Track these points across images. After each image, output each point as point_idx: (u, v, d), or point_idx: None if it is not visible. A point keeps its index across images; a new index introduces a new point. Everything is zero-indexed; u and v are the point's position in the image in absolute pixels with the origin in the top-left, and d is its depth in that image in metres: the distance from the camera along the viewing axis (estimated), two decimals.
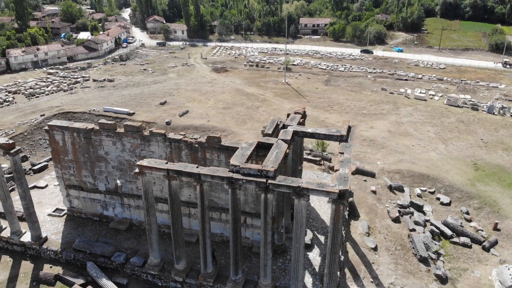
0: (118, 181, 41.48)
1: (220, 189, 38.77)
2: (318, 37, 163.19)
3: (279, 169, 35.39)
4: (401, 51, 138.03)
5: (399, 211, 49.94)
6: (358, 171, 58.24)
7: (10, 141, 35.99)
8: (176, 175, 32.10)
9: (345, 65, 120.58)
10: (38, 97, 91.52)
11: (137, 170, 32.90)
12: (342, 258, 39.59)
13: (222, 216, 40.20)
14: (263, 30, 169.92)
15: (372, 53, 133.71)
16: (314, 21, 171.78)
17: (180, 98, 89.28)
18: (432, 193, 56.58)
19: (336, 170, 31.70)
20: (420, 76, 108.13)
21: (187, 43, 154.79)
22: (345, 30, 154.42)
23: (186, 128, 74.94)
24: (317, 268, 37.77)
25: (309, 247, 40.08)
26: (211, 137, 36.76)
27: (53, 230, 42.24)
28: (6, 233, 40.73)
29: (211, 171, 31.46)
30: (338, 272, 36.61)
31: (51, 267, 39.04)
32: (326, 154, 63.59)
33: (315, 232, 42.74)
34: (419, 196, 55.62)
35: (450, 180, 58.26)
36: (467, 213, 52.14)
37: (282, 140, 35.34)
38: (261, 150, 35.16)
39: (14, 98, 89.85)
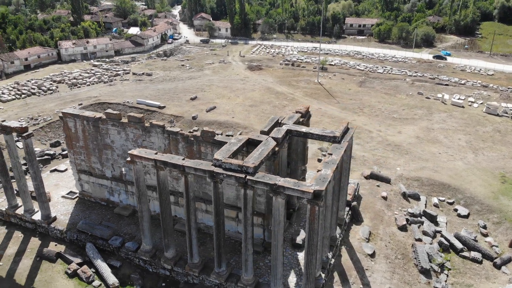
0: (123, 169, 43.44)
1: None
2: (363, 37, 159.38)
3: (268, 167, 35.62)
4: (449, 55, 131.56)
5: (407, 219, 48.16)
6: (372, 176, 56.72)
7: (24, 125, 38.85)
8: (163, 166, 33.22)
9: (386, 67, 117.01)
10: (79, 87, 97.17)
11: (128, 158, 34.40)
12: (332, 261, 38.96)
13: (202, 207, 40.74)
14: (307, 29, 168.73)
15: (446, 59, 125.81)
16: (360, 21, 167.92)
17: (211, 94, 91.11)
18: (451, 203, 53.92)
19: (319, 171, 31.30)
20: (463, 81, 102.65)
21: (229, 41, 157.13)
22: (391, 31, 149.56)
23: (211, 123, 76.43)
24: (304, 269, 37.40)
25: (300, 247, 39.80)
26: (205, 131, 37.56)
27: (63, 211, 45.06)
28: (21, 210, 43.96)
29: (195, 163, 32.25)
30: (323, 275, 36.15)
31: (56, 245, 41.73)
32: None
33: None
34: (435, 205, 53.22)
35: (472, 191, 55.22)
36: (484, 227, 49.23)
37: (273, 138, 35.39)
38: (252, 146, 35.41)
39: (57, 87, 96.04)
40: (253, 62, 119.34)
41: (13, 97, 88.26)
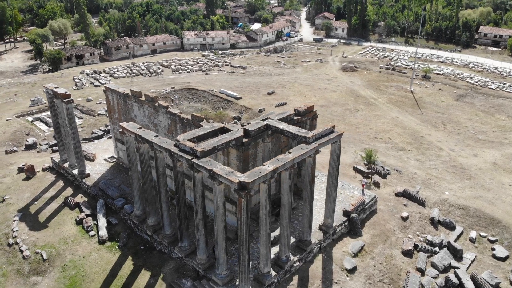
0: None
1: None
2: (496, 49, 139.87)
3: (238, 157, 36.70)
4: None
5: (416, 245, 43.32)
6: (405, 194, 51.85)
7: (67, 92, 46.82)
8: (140, 139, 37.02)
9: (504, 83, 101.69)
10: (180, 73, 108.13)
11: (120, 130, 39.12)
12: (296, 264, 37.96)
13: (207, 194, 42.82)
14: (432, 35, 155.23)
15: None
16: (498, 31, 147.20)
17: (289, 91, 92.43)
18: (492, 242, 46.42)
19: (264, 165, 31.30)
20: None
21: (342, 41, 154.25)
22: None
23: None
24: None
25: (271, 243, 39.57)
26: (195, 116, 40.15)
27: (98, 171, 52.69)
28: (67, 164, 52.84)
29: (160, 141, 35.23)
30: (274, 273, 35.73)
31: (82, 197, 49.34)
32: (387, 169, 58.22)
33: (294, 233, 41.44)
34: (471, 240, 46.41)
35: None
36: None
37: (244, 129, 36.18)
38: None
39: (162, 71, 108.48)
40: (351, 63, 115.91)
41: (124, 75, 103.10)
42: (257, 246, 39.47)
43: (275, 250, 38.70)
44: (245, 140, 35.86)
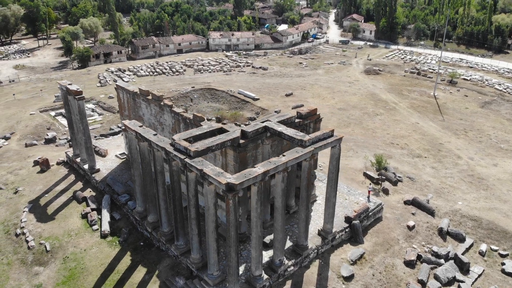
0: None
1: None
2: None
3: (235, 158, 36.70)
4: None
5: (419, 256, 41.95)
6: (414, 203, 50.33)
7: (79, 89, 48.18)
8: (140, 137, 37.61)
9: None
10: (202, 73, 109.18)
11: (123, 127, 39.87)
12: (291, 268, 37.52)
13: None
14: (463, 39, 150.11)
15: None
16: None
17: (307, 93, 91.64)
18: (503, 256, 44.43)
19: (255, 167, 31.13)
20: None
21: (369, 43, 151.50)
22: None
23: None
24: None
25: (266, 246, 39.28)
26: (196, 115, 40.41)
27: (108, 166, 53.93)
28: (79, 159, 54.37)
29: (157, 140, 35.66)
30: (266, 276, 35.47)
31: (90, 191, 50.61)
32: (399, 176, 56.71)
33: (293, 237, 41.02)
34: (481, 253, 44.56)
35: None
36: None
37: (242, 130, 36.11)
38: None
39: (185, 71, 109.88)
40: (375, 67, 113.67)
41: (147, 73, 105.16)
42: None
43: (271, 253, 38.51)
44: (242, 141, 35.78)
